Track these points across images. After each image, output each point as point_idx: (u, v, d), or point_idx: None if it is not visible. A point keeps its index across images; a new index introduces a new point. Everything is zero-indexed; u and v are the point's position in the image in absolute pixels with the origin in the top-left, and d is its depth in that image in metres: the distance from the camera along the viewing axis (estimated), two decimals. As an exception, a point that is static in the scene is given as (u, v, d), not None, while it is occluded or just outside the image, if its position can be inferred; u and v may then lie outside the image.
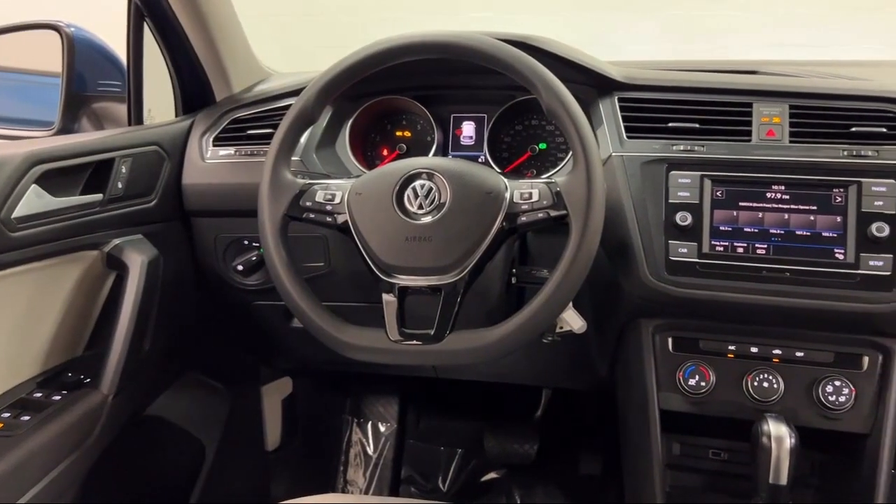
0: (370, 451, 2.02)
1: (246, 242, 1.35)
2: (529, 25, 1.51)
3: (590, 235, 0.92)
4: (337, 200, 1.02)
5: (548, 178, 1.01)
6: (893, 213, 1.04)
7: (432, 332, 0.96)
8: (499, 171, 1.26)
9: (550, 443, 1.97)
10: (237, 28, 1.49)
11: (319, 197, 1.03)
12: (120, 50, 1.41)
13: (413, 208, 0.99)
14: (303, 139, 1.27)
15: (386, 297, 0.98)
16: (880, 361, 1.10)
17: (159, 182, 1.32)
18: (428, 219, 0.98)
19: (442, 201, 0.98)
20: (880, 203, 1.05)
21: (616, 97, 1.20)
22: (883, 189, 1.05)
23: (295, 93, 1.32)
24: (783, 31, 3.32)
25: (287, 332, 1.48)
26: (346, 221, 1.01)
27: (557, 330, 1.09)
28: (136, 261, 1.21)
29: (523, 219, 0.97)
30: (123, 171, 1.23)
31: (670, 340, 1.17)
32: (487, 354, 0.95)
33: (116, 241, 1.22)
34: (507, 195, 0.98)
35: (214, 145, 1.36)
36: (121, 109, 1.42)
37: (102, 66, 1.45)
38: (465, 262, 0.96)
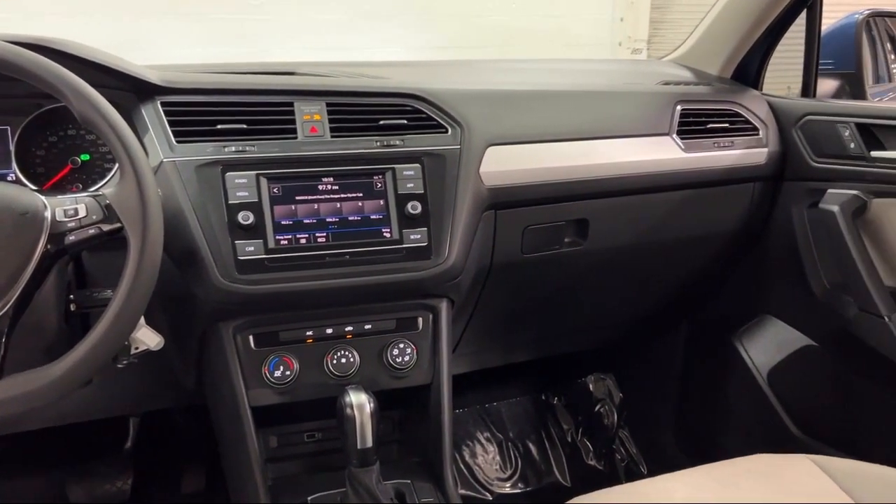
0: (-87, 547, 1.64)
1: None
2: (61, 29, 1.35)
3: (150, 246, 0.88)
4: None
5: (95, 190, 0.94)
6: (423, 192, 1.21)
7: None
8: (35, 188, 1.12)
9: (147, 472, 1.84)
10: None
11: None
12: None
13: None
14: None
15: None
16: (431, 319, 1.27)
17: None
18: None
19: None
20: (411, 185, 1.21)
21: (158, 102, 1.16)
22: (411, 173, 1.21)
23: None
24: (317, 35, 3.59)
25: None
26: None
27: (133, 351, 1.02)
28: None
29: (72, 238, 0.88)
30: None
31: (251, 338, 1.19)
32: (50, 395, 0.85)
33: None
34: (48, 214, 0.88)
35: None
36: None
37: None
38: (5, 296, 0.84)
